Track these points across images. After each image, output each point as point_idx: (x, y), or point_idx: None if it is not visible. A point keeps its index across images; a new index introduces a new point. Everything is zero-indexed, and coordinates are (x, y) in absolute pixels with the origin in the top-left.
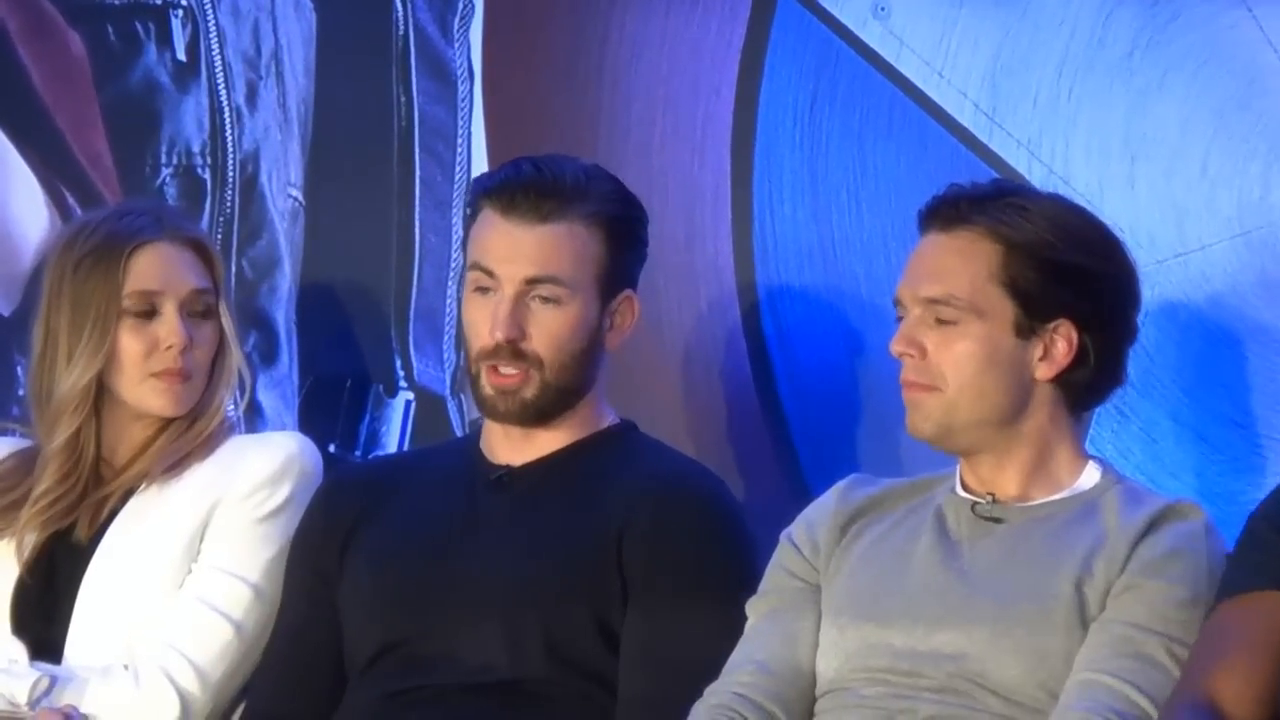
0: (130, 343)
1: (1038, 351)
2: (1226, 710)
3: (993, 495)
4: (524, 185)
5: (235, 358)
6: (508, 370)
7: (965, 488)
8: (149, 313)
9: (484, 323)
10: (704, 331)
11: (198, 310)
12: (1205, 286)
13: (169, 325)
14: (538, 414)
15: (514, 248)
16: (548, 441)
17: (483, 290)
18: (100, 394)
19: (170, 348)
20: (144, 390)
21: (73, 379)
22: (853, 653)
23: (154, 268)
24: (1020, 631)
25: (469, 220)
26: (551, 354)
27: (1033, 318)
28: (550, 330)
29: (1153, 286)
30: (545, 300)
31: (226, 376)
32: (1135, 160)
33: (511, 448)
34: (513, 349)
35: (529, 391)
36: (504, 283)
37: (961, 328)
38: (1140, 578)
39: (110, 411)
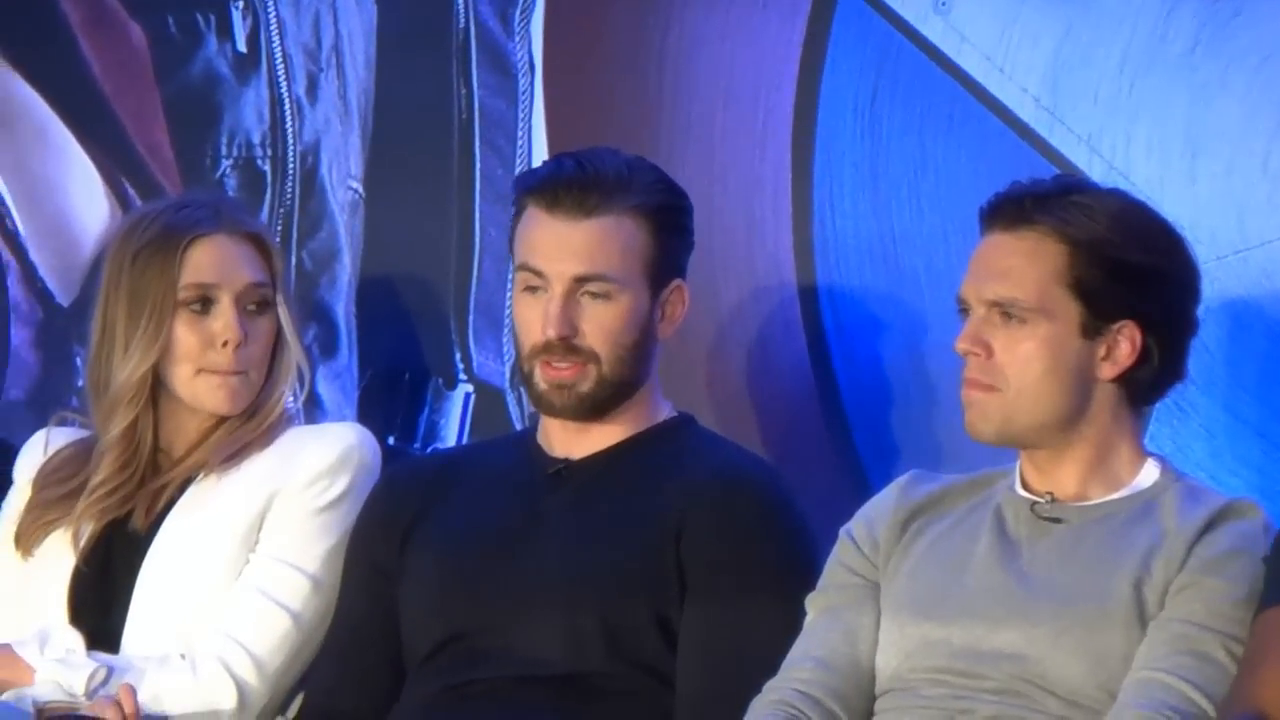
0: (186, 335)
1: (1101, 352)
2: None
3: (1052, 494)
4: (567, 181)
5: (294, 352)
6: (561, 364)
7: (1025, 485)
8: (205, 306)
9: (535, 321)
10: (763, 325)
11: (254, 304)
12: (1266, 283)
13: (224, 320)
14: (594, 408)
15: (560, 245)
16: (606, 435)
17: (532, 289)
18: (157, 386)
19: (225, 344)
20: (198, 385)
21: (129, 370)
22: (912, 651)
23: (210, 261)
24: (1080, 632)
25: (514, 219)
26: (606, 348)
27: (1098, 318)
28: (603, 325)
29: (1213, 283)
30: (595, 296)
31: (285, 371)
32: (1196, 156)
33: (569, 441)
34: (566, 345)
35: (585, 385)
36: (553, 281)
37: (1029, 328)
38: (1198, 576)
39: (167, 403)
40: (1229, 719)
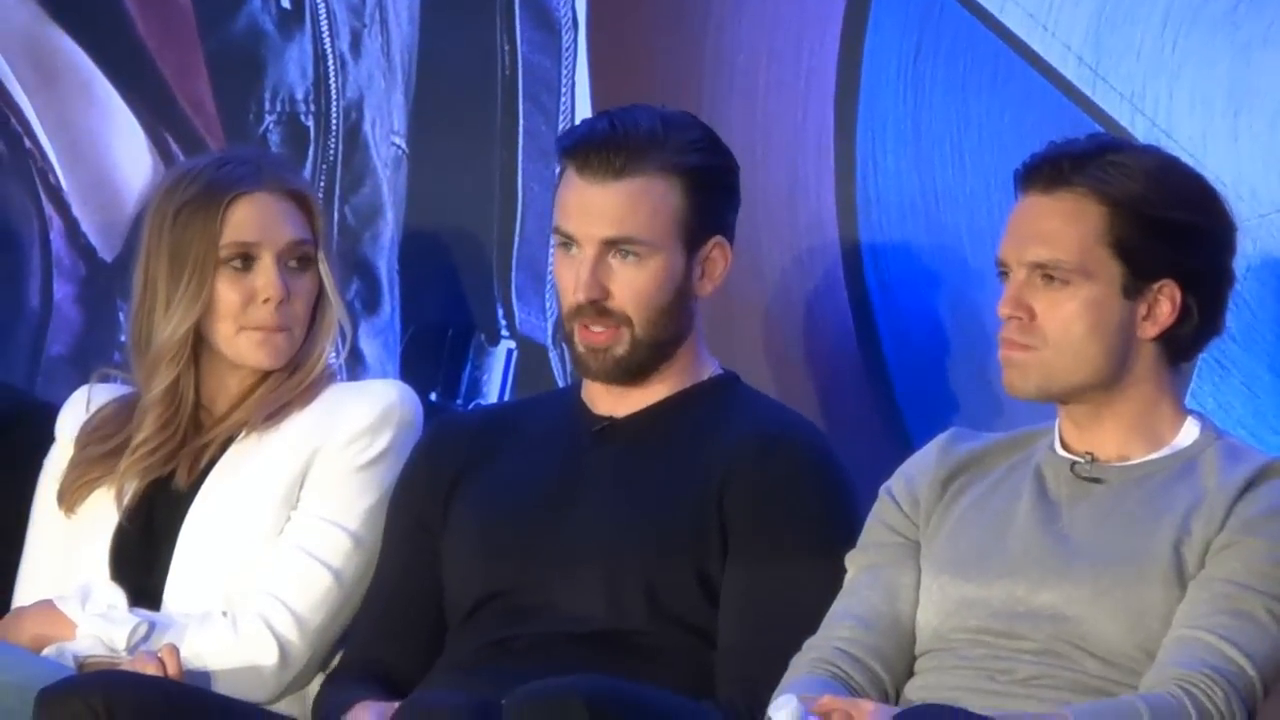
0: (227, 293)
1: (1142, 311)
2: None
3: (1092, 455)
4: (597, 142)
5: (336, 309)
6: (596, 328)
7: (1064, 445)
8: (247, 263)
9: (569, 282)
10: (806, 282)
11: (296, 261)
12: None
13: (266, 277)
14: (630, 370)
15: (589, 208)
16: (649, 393)
17: (565, 249)
18: (199, 344)
19: (267, 300)
20: (240, 342)
21: (170, 328)
22: (952, 611)
23: (252, 218)
24: (1119, 593)
25: (558, 178)
26: (638, 310)
27: (1139, 278)
28: (634, 287)
29: (1255, 240)
30: (626, 256)
31: (326, 328)
32: (1239, 113)
33: (613, 399)
34: (597, 308)
35: (620, 349)
36: (583, 244)
37: (1071, 289)
38: (1239, 535)
39: (209, 361)
40: None
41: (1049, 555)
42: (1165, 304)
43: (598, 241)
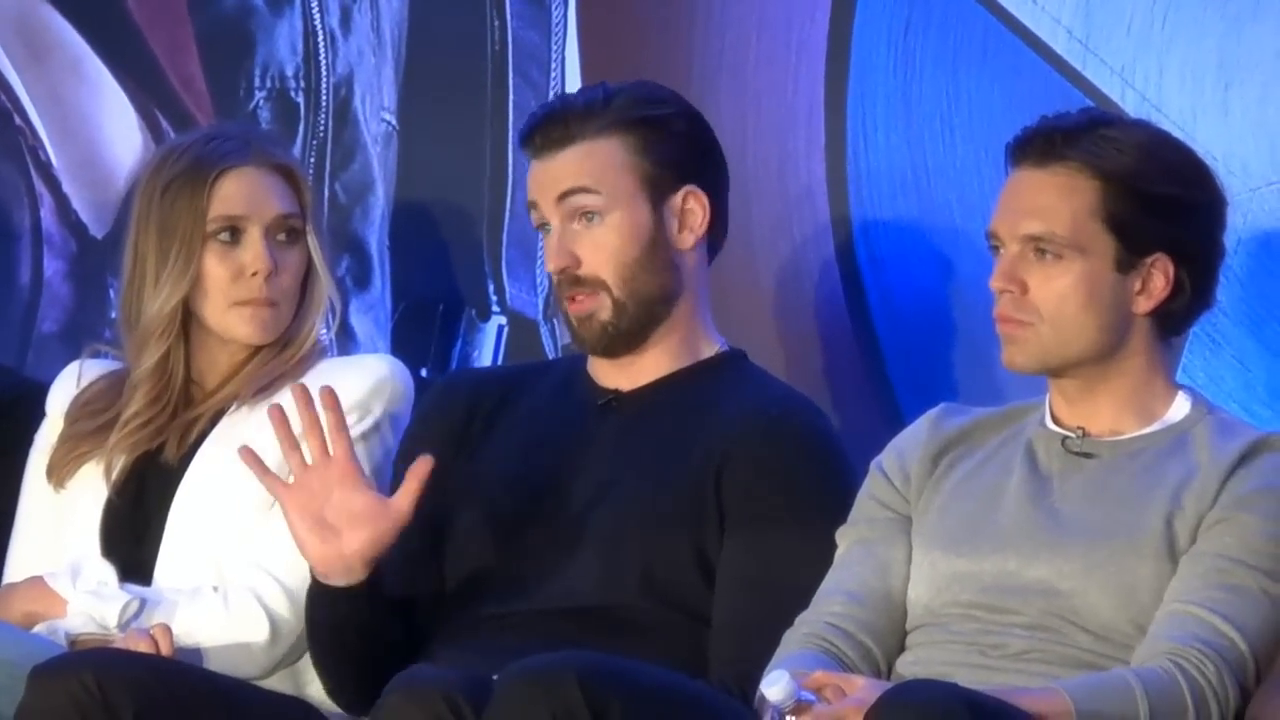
0: (215, 267)
1: (1135, 286)
2: None
3: (1083, 429)
4: (537, 122)
5: (325, 283)
6: (579, 298)
7: (1055, 420)
8: (235, 237)
9: (547, 258)
10: (797, 257)
11: (284, 235)
12: None
13: (254, 250)
14: (622, 336)
15: (544, 180)
16: (653, 367)
17: (543, 228)
18: (188, 319)
19: (255, 274)
20: (230, 318)
21: (159, 303)
22: (943, 586)
23: (239, 192)
24: (1111, 566)
25: None
26: (609, 270)
27: (1132, 252)
28: (599, 247)
29: (1245, 214)
30: (589, 217)
31: (316, 302)
32: (1229, 87)
33: (618, 373)
34: (570, 277)
35: (603, 314)
36: (546, 213)
37: (1064, 264)
38: (1232, 511)
39: (199, 336)
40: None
41: (1040, 529)
42: (1159, 278)
43: (554, 202)
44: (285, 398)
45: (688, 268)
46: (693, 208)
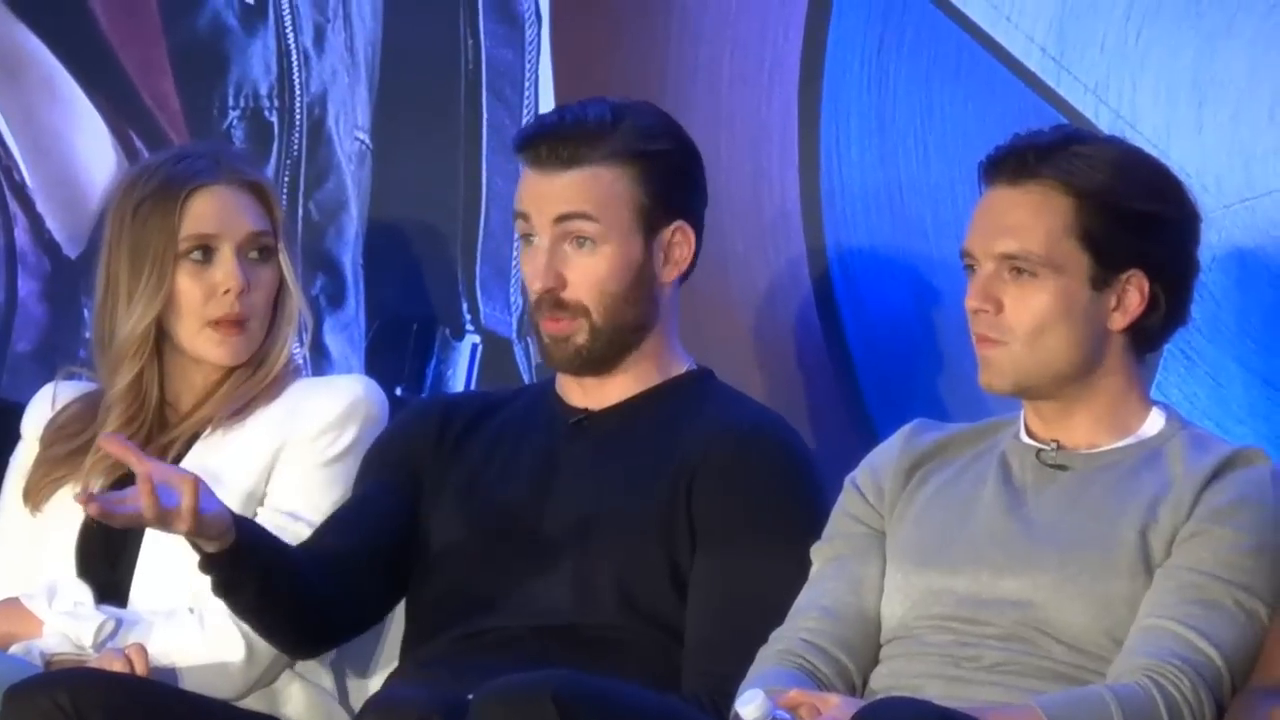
0: (188, 286)
1: (1111, 302)
2: None
3: (1057, 442)
4: (545, 134)
5: (296, 300)
6: (555, 319)
7: (1029, 434)
8: (207, 255)
9: (530, 273)
10: (771, 275)
11: (256, 252)
12: (1273, 231)
13: (226, 268)
14: (593, 360)
15: (542, 195)
16: (622, 386)
17: (527, 239)
18: (162, 340)
19: (228, 292)
20: (202, 340)
21: (132, 323)
22: (918, 599)
23: (210, 210)
24: (1085, 579)
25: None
26: (594, 299)
27: (1106, 269)
28: (588, 274)
29: (1220, 231)
30: (580, 242)
31: (288, 320)
32: (1203, 104)
33: (585, 392)
34: (554, 299)
35: (579, 338)
36: (538, 228)
37: (1040, 281)
38: (1206, 524)
39: (173, 357)
40: (1258, 691)
41: (1014, 541)
42: (1134, 294)
43: (551, 222)
44: (260, 419)
45: (665, 298)
46: (679, 242)
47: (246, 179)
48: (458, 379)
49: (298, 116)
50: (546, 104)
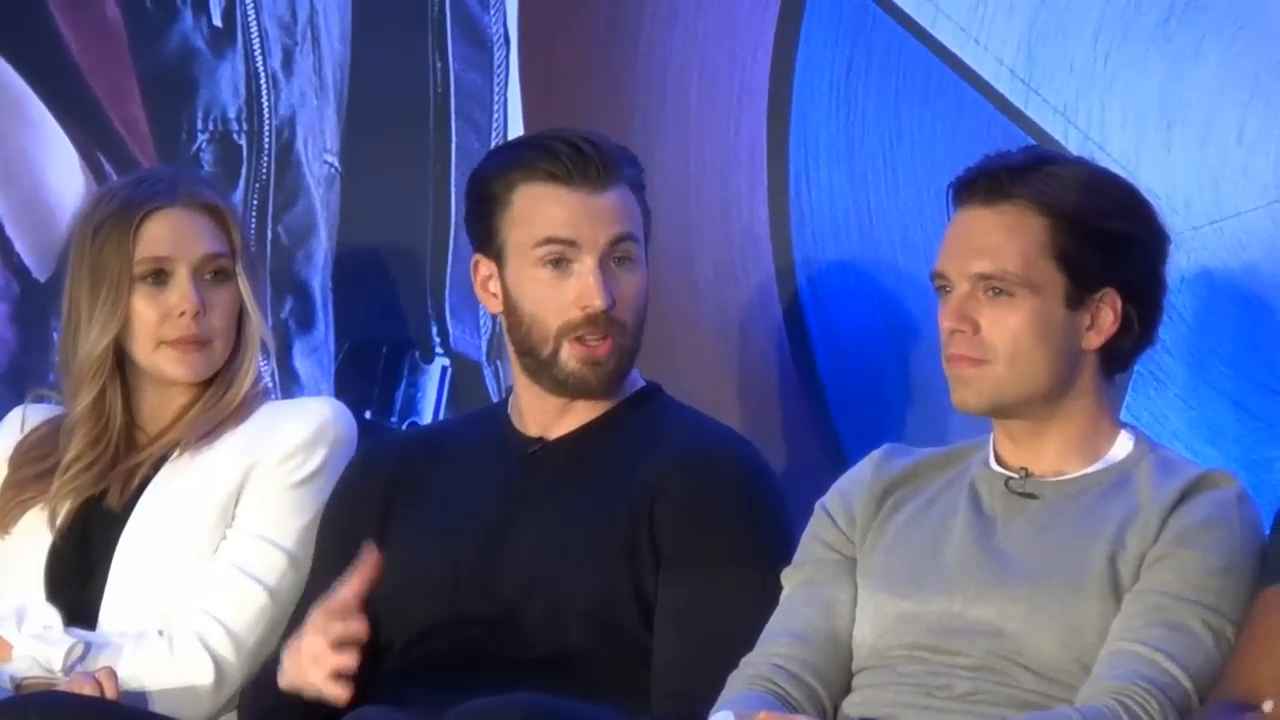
0: (144, 309)
1: (1085, 321)
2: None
3: (1026, 470)
4: (584, 156)
5: (256, 323)
6: (596, 341)
7: (999, 460)
8: (161, 279)
9: (568, 295)
10: (740, 298)
11: (211, 275)
12: (1241, 253)
13: (180, 291)
14: (615, 383)
15: (592, 213)
16: (582, 411)
17: (557, 263)
18: (122, 361)
19: (183, 314)
20: (159, 358)
21: (89, 344)
22: (888, 628)
23: (165, 233)
24: (1055, 607)
25: (491, 204)
26: (631, 319)
27: (1081, 288)
28: (631, 294)
29: (1189, 253)
30: (623, 262)
31: (250, 341)
32: (1171, 126)
33: (545, 420)
34: (609, 317)
35: (613, 361)
36: (586, 250)
37: (1016, 301)
38: (1173, 547)
39: (136, 380)
40: (1219, 704)
41: (984, 571)
42: (1108, 313)
43: (604, 244)
44: (229, 442)
45: None
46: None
47: (203, 201)
48: (427, 403)
49: (266, 140)
50: (515, 127)
